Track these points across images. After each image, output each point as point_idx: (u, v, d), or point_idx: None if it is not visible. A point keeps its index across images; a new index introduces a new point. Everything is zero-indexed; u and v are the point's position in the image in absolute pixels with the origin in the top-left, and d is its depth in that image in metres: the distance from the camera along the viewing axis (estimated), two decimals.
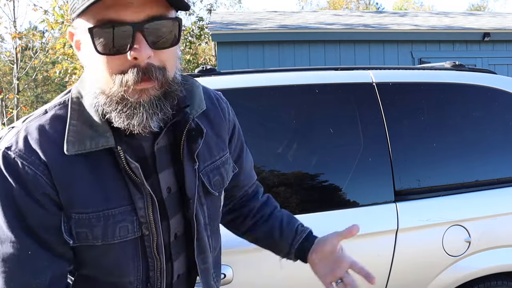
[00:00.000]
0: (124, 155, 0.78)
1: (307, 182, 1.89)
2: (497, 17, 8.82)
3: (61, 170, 0.76)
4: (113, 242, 0.80)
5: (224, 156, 0.98)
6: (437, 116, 2.02)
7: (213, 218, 0.96)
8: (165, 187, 0.86)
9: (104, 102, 0.75)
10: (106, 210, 0.79)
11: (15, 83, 10.89)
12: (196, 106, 0.88)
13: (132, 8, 0.70)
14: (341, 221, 1.83)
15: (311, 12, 10.14)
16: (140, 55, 0.71)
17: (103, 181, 0.79)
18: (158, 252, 0.85)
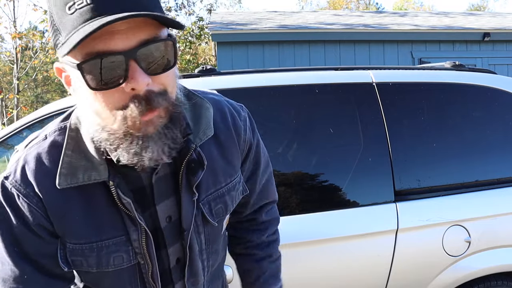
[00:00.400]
0: (116, 190, 0.76)
1: (307, 182, 1.89)
2: (497, 17, 8.82)
3: (55, 203, 0.76)
4: (108, 270, 0.81)
5: (232, 182, 0.92)
6: (437, 116, 2.02)
7: (212, 242, 0.93)
8: (164, 216, 0.84)
9: (106, 139, 0.71)
10: (100, 241, 0.79)
11: (15, 83, 10.89)
12: (201, 134, 0.83)
13: (120, 35, 0.64)
14: (341, 221, 1.83)
15: (311, 12, 10.15)
16: (138, 85, 0.65)
17: (96, 213, 0.78)
18: (154, 280, 0.85)
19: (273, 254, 1.11)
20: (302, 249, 1.76)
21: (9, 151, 2.25)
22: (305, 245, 1.76)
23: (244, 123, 0.96)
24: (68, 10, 0.64)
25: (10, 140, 2.02)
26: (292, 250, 1.74)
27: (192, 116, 0.83)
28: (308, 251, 1.77)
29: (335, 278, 1.80)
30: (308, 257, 1.77)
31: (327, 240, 1.79)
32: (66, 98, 2.10)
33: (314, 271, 1.76)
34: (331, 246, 1.80)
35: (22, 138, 2.07)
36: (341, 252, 1.81)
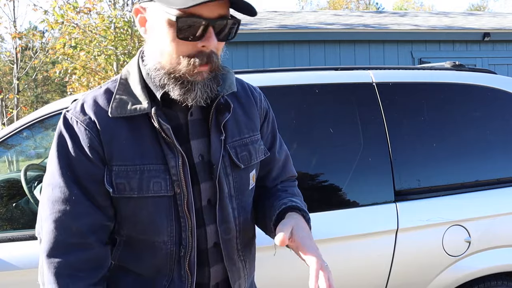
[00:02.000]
0: (157, 118, 0.91)
1: (307, 182, 1.89)
2: (497, 17, 8.82)
3: (106, 129, 0.92)
4: (148, 195, 0.92)
5: (254, 136, 1.07)
6: (437, 116, 2.02)
7: (240, 191, 1.03)
8: (197, 153, 0.97)
9: (163, 75, 0.90)
10: (142, 164, 0.92)
11: (15, 83, 10.88)
12: (227, 87, 1.01)
13: (208, 7, 0.86)
14: (341, 221, 1.83)
15: (311, 12, 10.14)
16: (209, 45, 0.87)
17: (140, 141, 0.93)
18: (189, 211, 0.94)
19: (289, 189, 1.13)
20: None
21: (9, 151, 2.25)
22: None
23: (259, 95, 1.14)
24: None
25: (10, 140, 2.02)
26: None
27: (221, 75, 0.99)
28: None
29: (335, 278, 1.79)
30: None
31: (327, 240, 1.79)
32: (66, 98, 2.10)
33: None
34: (331, 246, 1.80)
35: (22, 138, 2.07)
36: (341, 252, 1.81)
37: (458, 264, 1.87)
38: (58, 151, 0.92)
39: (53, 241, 0.90)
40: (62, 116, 0.95)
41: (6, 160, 6.20)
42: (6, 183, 2.60)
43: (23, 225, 2.16)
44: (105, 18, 8.47)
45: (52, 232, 0.90)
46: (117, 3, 9.35)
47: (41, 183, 2.44)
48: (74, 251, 0.90)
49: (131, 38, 8.73)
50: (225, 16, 0.89)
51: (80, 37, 8.50)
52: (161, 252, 0.95)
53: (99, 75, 9.34)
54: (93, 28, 8.51)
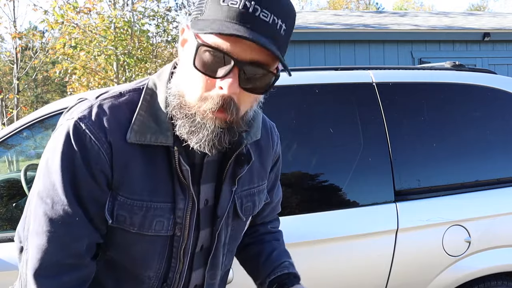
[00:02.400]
0: (179, 156, 0.82)
1: (307, 182, 1.89)
2: (497, 17, 8.82)
3: (121, 153, 0.81)
4: (147, 233, 0.84)
5: (262, 186, 1.01)
6: (437, 116, 2.02)
7: (233, 239, 0.99)
8: (204, 198, 0.90)
9: (176, 106, 0.80)
10: (150, 202, 0.83)
11: (15, 83, 10.88)
12: (253, 134, 0.92)
13: (243, 45, 0.73)
14: (341, 221, 1.83)
15: (311, 12, 10.14)
16: (227, 89, 0.74)
17: (154, 175, 0.83)
18: (184, 255, 0.88)
19: (279, 239, 1.16)
20: (303, 249, 1.76)
21: (9, 151, 2.25)
22: (305, 245, 1.76)
23: (277, 138, 1.07)
24: (222, 2, 0.73)
25: (10, 140, 2.02)
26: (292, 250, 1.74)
27: None
28: (308, 251, 1.77)
29: (335, 278, 1.80)
30: (308, 257, 1.77)
31: (327, 240, 1.79)
32: (66, 98, 2.10)
33: (314, 271, 1.76)
34: (331, 246, 1.80)
35: (22, 138, 2.07)
36: (341, 252, 1.81)
37: (458, 264, 1.87)
38: (64, 164, 0.79)
39: (47, 261, 0.80)
40: (72, 122, 0.80)
41: (6, 160, 6.20)
42: (6, 183, 2.60)
43: None
44: (105, 18, 8.47)
45: (46, 251, 0.79)
46: (117, 3, 9.35)
47: None
48: (68, 271, 0.82)
49: (131, 38, 8.73)
50: (259, 63, 0.75)
51: (80, 37, 8.50)
52: (142, 284, 0.89)
53: (99, 75, 9.34)
54: (93, 28, 8.51)
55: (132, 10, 8.94)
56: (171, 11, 10.83)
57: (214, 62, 0.75)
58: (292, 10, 0.78)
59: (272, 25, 0.73)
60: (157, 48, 11.11)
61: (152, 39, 11.18)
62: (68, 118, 0.82)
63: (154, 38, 11.36)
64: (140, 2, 9.21)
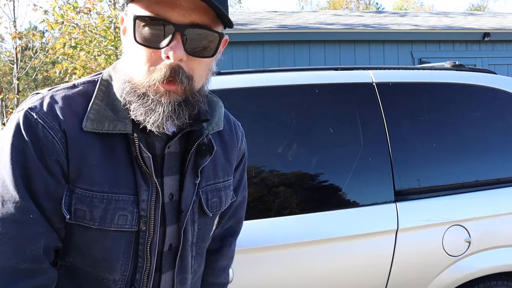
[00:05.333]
0: (139, 143, 0.78)
1: (307, 182, 1.89)
2: (497, 17, 8.82)
3: (77, 143, 0.76)
4: (109, 228, 0.78)
5: (228, 181, 0.97)
6: (437, 116, 2.03)
7: (201, 240, 0.93)
8: (168, 192, 0.85)
9: (128, 91, 0.77)
10: (111, 193, 0.78)
11: (15, 83, 10.89)
12: (214, 124, 0.89)
13: (180, 10, 0.72)
14: (341, 221, 1.83)
15: (311, 12, 10.15)
16: (173, 55, 0.72)
17: (114, 165, 0.78)
18: (151, 252, 0.82)
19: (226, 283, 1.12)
20: (303, 249, 1.76)
21: None
22: (305, 245, 1.76)
23: (242, 134, 1.03)
24: None
25: None
26: (293, 250, 1.74)
27: (209, 108, 0.89)
28: (308, 251, 1.77)
29: (335, 278, 1.80)
30: (308, 257, 1.77)
31: (327, 240, 1.79)
32: None
33: (314, 271, 1.76)
34: (331, 246, 1.80)
35: None
36: (341, 252, 1.81)
37: (458, 264, 1.87)
38: (14, 157, 0.73)
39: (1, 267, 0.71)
40: (22, 113, 0.75)
41: None
42: None
43: None
44: (105, 18, 8.46)
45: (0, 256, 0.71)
46: (117, 3, 9.35)
47: None
48: (25, 278, 0.72)
49: None
50: (201, 25, 0.73)
51: (80, 37, 8.50)
52: None
53: None
54: (93, 28, 8.51)
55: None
56: None
57: (154, 32, 0.73)
58: None
59: None
60: None
61: None
62: (18, 110, 0.77)
63: None
64: None
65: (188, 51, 0.74)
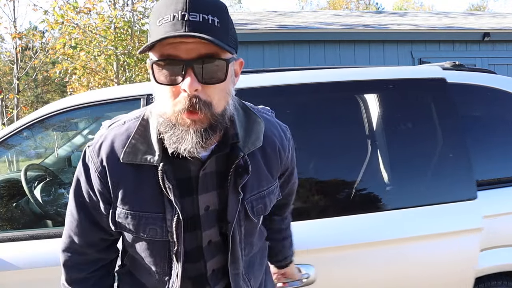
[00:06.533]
0: (163, 175, 0.94)
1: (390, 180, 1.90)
2: (497, 17, 8.82)
3: (115, 174, 0.98)
4: (143, 237, 1.01)
5: (271, 187, 1.11)
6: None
7: (249, 234, 1.11)
8: (203, 206, 1.02)
9: (161, 123, 0.91)
10: (140, 211, 0.98)
11: (15, 83, 10.88)
12: (250, 144, 1.01)
13: (186, 46, 0.83)
14: (422, 220, 1.83)
15: (311, 12, 10.14)
16: (188, 88, 0.83)
17: (143, 189, 0.98)
18: (177, 258, 1.02)
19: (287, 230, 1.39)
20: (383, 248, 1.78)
21: (9, 151, 2.25)
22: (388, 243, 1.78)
23: (288, 143, 1.16)
24: (158, 23, 0.85)
25: (10, 140, 2.02)
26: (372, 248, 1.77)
27: (245, 128, 1.02)
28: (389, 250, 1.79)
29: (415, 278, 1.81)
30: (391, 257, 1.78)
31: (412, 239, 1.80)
32: (66, 98, 2.10)
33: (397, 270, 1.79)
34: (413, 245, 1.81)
35: (22, 138, 2.07)
36: (423, 251, 1.81)
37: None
38: (76, 184, 1.04)
39: (64, 243, 1.09)
40: (85, 148, 1.03)
41: (6, 160, 6.19)
42: (6, 183, 2.60)
43: (23, 225, 2.16)
44: (105, 18, 8.46)
45: (65, 237, 1.09)
46: (117, 3, 9.35)
47: (41, 183, 2.44)
48: (75, 254, 1.09)
49: (131, 38, 8.73)
50: (207, 55, 0.84)
51: (80, 37, 8.49)
52: (154, 276, 1.07)
53: (99, 75, 9.34)
54: (93, 28, 8.51)
55: (132, 10, 8.94)
56: None
57: (169, 71, 0.85)
58: (218, 5, 0.87)
59: (203, 22, 0.83)
60: None
61: None
62: (88, 143, 1.04)
63: None
64: (140, 2, 9.20)
65: (201, 81, 0.84)
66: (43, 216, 2.26)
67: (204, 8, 0.84)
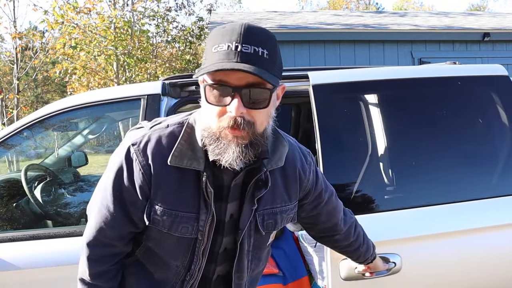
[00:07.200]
0: (206, 180, 1.05)
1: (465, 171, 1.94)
2: (497, 17, 8.82)
3: (159, 174, 1.06)
4: (174, 234, 1.09)
5: (285, 207, 1.20)
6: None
7: (257, 248, 1.20)
8: (229, 213, 1.13)
9: (206, 136, 1.02)
10: (178, 211, 1.08)
11: (15, 83, 10.87)
12: (273, 162, 1.12)
13: (236, 75, 0.94)
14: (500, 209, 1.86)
15: (311, 12, 10.15)
16: (234, 111, 0.95)
17: (183, 191, 1.08)
18: (203, 254, 1.13)
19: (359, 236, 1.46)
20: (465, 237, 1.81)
21: (9, 151, 2.25)
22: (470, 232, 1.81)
23: (309, 166, 1.26)
24: (213, 49, 0.97)
25: (10, 140, 2.02)
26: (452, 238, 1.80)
27: (271, 147, 1.12)
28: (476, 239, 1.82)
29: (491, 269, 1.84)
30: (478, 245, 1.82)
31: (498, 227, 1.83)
32: (66, 98, 2.10)
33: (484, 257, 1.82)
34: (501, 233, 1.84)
35: (22, 138, 2.07)
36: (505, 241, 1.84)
37: None
38: (115, 178, 1.09)
39: (92, 236, 1.13)
40: (127, 147, 1.08)
41: (6, 160, 6.19)
42: (6, 183, 2.60)
43: (23, 225, 2.17)
44: (105, 18, 8.46)
45: (93, 230, 1.13)
46: (117, 3, 9.35)
47: (41, 183, 2.44)
48: (103, 247, 1.14)
49: (131, 38, 8.73)
50: (254, 84, 0.95)
51: (80, 37, 8.49)
52: (171, 270, 1.15)
53: (99, 75, 9.35)
54: (93, 28, 8.51)
55: (132, 10, 8.94)
56: (171, 11, 10.83)
57: (219, 94, 0.96)
58: (269, 37, 0.98)
59: (254, 54, 0.94)
60: (157, 48, 11.11)
61: (152, 39, 11.17)
62: (127, 140, 1.11)
63: (154, 38, 11.35)
64: (140, 2, 9.21)
65: (246, 105, 0.96)
66: (43, 216, 2.26)
67: (256, 40, 0.95)
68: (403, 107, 2.02)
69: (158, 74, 11.11)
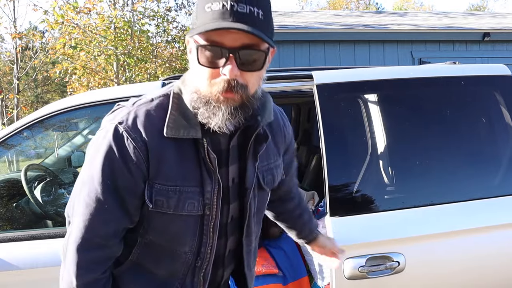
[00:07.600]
0: (207, 146, 1.00)
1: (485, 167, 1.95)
2: (497, 17, 8.82)
3: (156, 147, 0.98)
4: (181, 213, 1.02)
5: (277, 161, 1.20)
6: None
7: (259, 209, 1.18)
8: (231, 177, 1.08)
9: (195, 99, 0.97)
10: (182, 186, 1.00)
11: (15, 83, 10.87)
12: (266, 117, 1.09)
13: (232, 35, 0.90)
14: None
15: (311, 12, 10.15)
16: (229, 73, 0.91)
17: (184, 164, 1.01)
18: (213, 231, 1.06)
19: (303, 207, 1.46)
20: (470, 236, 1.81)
21: (9, 151, 2.25)
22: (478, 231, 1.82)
23: (288, 123, 1.27)
24: (206, 8, 0.91)
25: (10, 140, 2.02)
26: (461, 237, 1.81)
27: (261, 104, 1.08)
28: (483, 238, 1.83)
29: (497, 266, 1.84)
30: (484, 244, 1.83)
31: None
32: (66, 98, 2.10)
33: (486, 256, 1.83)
34: None
35: (22, 138, 2.07)
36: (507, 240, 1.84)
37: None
38: (103, 164, 0.97)
39: (80, 237, 0.99)
40: (113, 127, 0.98)
41: (6, 160, 6.19)
42: (6, 183, 2.60)
43: (23, 225, 2.17)
44: (105, 18, 8.46)
45: (81, 230, 0.99)
46: (117, 3, 9.35)
47: (41, 183, 2.44)
48: (95, 249, 1.01)
49: (131, 38, 8.73)
50: (249, 46, 0.91)
51: (80, 37, 8.49)
52: (179, 260, 1.06)
53: (99, 75, 9.34)
54: (93, 28, 8.51)
55: (132, 10, 8.94)
56: (171, 11, 10.82)
57: (213, 55, 0.92)
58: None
59: (249, 14, 0.89)
60: (157, 48, 11.10)
61: (152, 39, 11.16)
62: (110, 122, 1.01)
63: (154, 38, 11.34)
64: (140, 2, 9.20)
65: (240, 68, 0.92)
66: (43, 216, 2.26)
67: None
68: (409, 107, 2.03)
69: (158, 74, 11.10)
